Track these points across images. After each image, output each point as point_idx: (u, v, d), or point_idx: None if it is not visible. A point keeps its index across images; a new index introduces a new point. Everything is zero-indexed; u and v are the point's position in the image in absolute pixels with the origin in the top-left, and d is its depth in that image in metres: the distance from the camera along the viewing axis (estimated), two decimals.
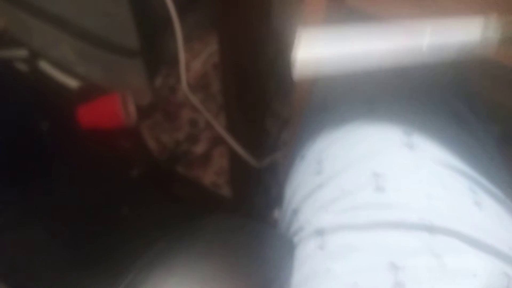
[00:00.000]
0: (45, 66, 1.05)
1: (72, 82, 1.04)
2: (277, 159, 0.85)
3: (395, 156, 0.40)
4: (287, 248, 0.43)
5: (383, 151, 0.40)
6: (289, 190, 0.49)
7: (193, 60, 1.01)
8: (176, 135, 0.97)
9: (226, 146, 0.91)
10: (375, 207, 0.38)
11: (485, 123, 0.46)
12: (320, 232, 0.40)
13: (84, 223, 0.77)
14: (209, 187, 0.91)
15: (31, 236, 0.74)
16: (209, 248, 0.41)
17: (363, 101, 0.44)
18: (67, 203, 0.80)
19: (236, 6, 0.68)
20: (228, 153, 0.91)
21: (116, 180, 0.87)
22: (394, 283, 0.32)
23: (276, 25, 0.82)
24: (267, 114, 0.90)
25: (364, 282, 0.33)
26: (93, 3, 0.87)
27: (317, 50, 0.22)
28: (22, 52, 1.05)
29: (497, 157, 0.43)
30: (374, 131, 0.42)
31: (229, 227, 0.45)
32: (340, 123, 0.44)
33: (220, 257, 0.40)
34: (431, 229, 0.34)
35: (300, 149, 0.48)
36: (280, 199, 0.54)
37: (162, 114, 0.99)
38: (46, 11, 0.93)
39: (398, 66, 0.30)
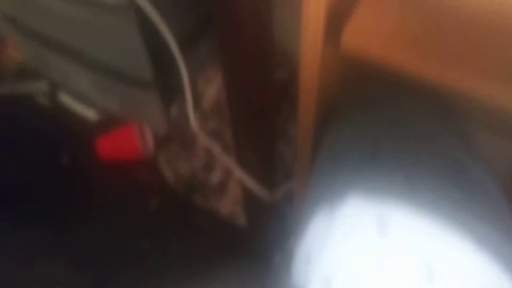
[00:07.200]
0: (65, 98, 1.07)
1: (91, 114, 1.06)
2: (291, 187, 0.85)
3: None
4: None
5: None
6: (304, 240, 0.50)
7: (207, 86, 1.02)
8: (193, 164, 0.98)
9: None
10: (378, 253, 0.39)
11: (484, 165, 0.46)
12: (327, 281, 0.41)
13: (105, 257, 0.79)
14: (225, 217, 0.92)
15: (51, 270, 0.76)
16: None
17: (367, 150, 0.46)
18: (87, 237, 0.82)
19: (239, 38, 0.67)
20: (241, 185, 0.91)
21: (136, 213, 0.88)
22: None
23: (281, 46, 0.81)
24: (280, 140, 0.91)
25: None
26: (107, 36, 0.89)
27: None
28: (42, 85, 1.07)
29: (500, 198, 0.44)
30: (377, 177, 0.43)
31: (240, 271, 0.46)
32: (346, 174, 0.46)
33: None
34: (430, 275, 0.35)
35: (315, 202, 0.50)
36: (296, 227, 0.55)
37: (178, 143, 1.01)
38: (63, 45, 0.95)
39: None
